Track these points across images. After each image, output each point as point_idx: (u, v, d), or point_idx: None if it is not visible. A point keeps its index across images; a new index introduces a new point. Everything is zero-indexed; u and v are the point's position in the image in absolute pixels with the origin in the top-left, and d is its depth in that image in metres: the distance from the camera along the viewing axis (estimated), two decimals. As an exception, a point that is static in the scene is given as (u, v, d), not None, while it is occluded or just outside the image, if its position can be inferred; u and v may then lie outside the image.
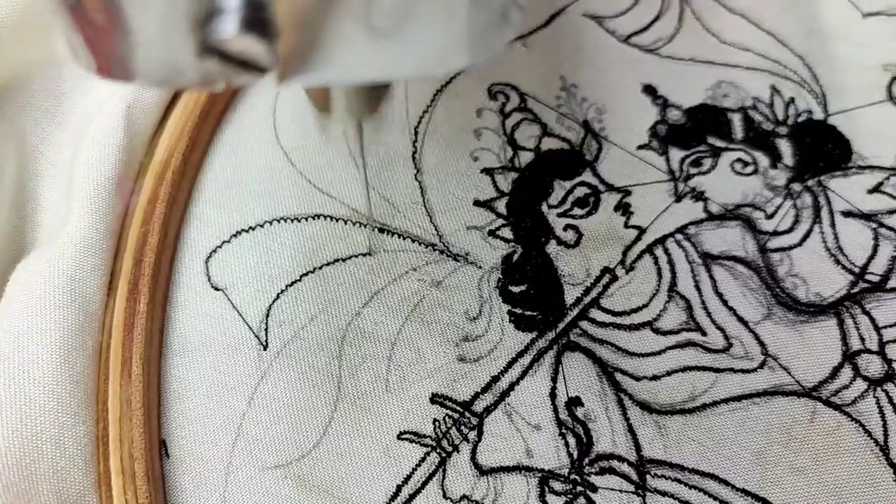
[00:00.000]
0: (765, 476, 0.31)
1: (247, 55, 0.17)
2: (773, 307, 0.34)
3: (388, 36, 0.19)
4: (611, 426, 0.32)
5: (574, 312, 0.34)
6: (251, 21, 0.16)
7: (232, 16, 0.16)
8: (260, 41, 0.17)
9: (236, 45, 0.17)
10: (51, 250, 0.32)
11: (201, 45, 0.17)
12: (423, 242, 0.36)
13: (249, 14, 0.16)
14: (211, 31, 0.16)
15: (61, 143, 0.37)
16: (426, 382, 0.33)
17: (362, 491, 0.31)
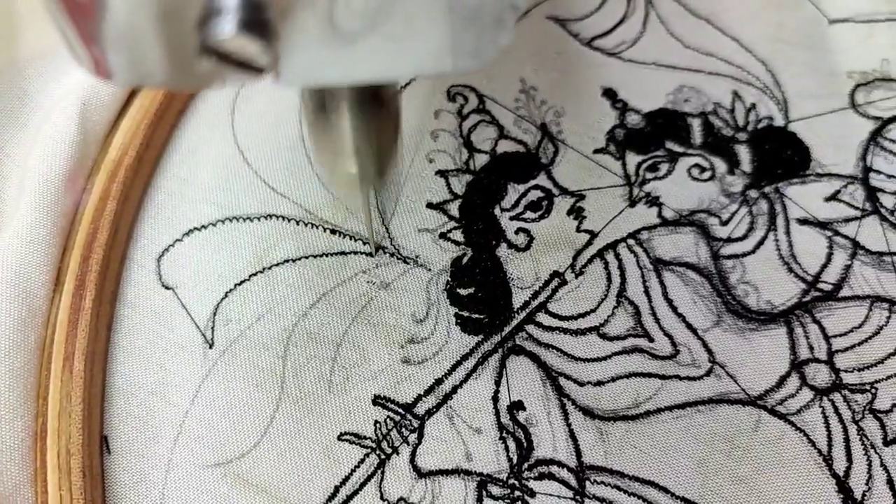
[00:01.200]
0: (706, 485, 0.31)
1: (244, 55, 0.17)
2: (722, 314, 0.34)
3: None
4: (552, 431, 0.32)
5: (521, 316, 0.34)
6: (249, 21, 0.16)
7: (230, 16, 0.16)
8: (258, 41, 0.17)
9: (234, 45, 0.17)
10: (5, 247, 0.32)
11: (200, 45, 0.17)
12: (373, 243, 0.35)
13: (247, 14, 0.16)
14: (209, 32, 0.17)
15: (25, 144, 0.37)
16: (369, 384, 0.33)
17: (300, 491, 0.31)
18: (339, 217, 0.36)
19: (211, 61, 0.17)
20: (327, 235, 0.36)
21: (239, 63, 0.17)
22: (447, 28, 0.19)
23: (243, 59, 0.17)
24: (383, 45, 0.19)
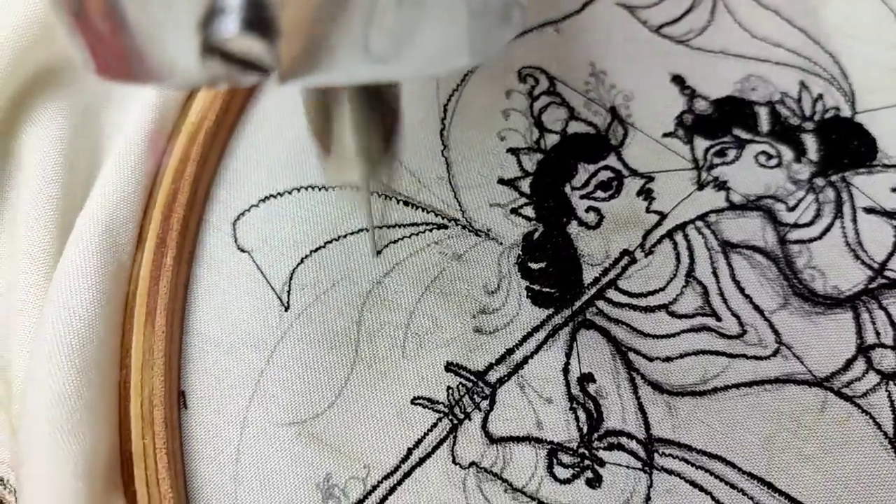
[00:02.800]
0: (772, 461, 0.32)
1: (248, 55, 0.17)
2: (789, 297, 0.34)
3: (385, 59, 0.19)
4: (621, 403, 0.33)
5: (591, 292, 0.35)
6: (252, 21, 0.16)
7: (233, 16, 0.16)
8: (261, 41, 0.16)
9: (237, 44, 0.17)
10: (90, 203, 0.33)
11: (203, 44, 0.17)
12: (446, 217, 0.36)
13: (250, 14, 0.16)
14: (212, 31, 0.16)
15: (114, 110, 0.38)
16: (442, 351, 0.34)
17: (374, 452, 0.32)
18: (412, 189, 0.37)
19: (214, 61, 0.17)
20: (400, 207, 0.36)
21: (242, 62, 0.17)
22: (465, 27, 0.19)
23: (247, 59, 0.17)
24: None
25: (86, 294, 0.30)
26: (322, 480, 0.31)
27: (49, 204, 0.33)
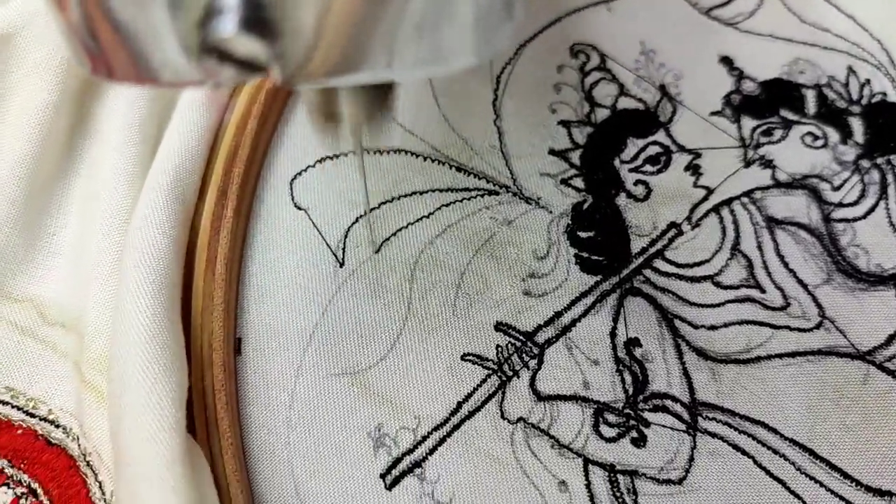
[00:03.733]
0: (814, 429, 0.32)
1: (246, 54, 0.17)
2: (833, 273, 0.35)
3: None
4: (667, 368, 0.33)
5: (639, 261, 0.36)
6: (250, 20, 0.16)
7: (231, 15, 0.16)
8: (259, 40, 0.16)
9: (235, 44, 0.17)
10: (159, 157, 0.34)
11: (201, 44, 0.17)
12: (497, 184, 0.37)
13: (248, 13, 0.16)
14: (210, 31, 0.16)
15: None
16: (492, 311, 0.35)
17: (424, 404, 0.33)
18: (464, 156, 0.38)
19: (212, 60, 0.17)
20: (453, 172, 0.37)
21: (240, 62, 0.17)
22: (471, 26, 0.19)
23: (245, 58, 0.17)
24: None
25: (161, 240, 0.31)
26: (373, 429, 0.32)
27: (129, 163, 0.35)
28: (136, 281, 0.30)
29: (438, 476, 0.31)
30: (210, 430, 0.31)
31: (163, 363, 0.28)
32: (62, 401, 0.35)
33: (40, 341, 0.36)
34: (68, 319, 0.36)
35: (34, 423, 0.34)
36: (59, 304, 0.36)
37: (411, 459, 0.32)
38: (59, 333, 0.35)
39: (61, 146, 0.37)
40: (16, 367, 0.35)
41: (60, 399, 0.35)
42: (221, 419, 0.31)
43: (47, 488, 0.33)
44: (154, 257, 0.30)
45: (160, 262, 0.30)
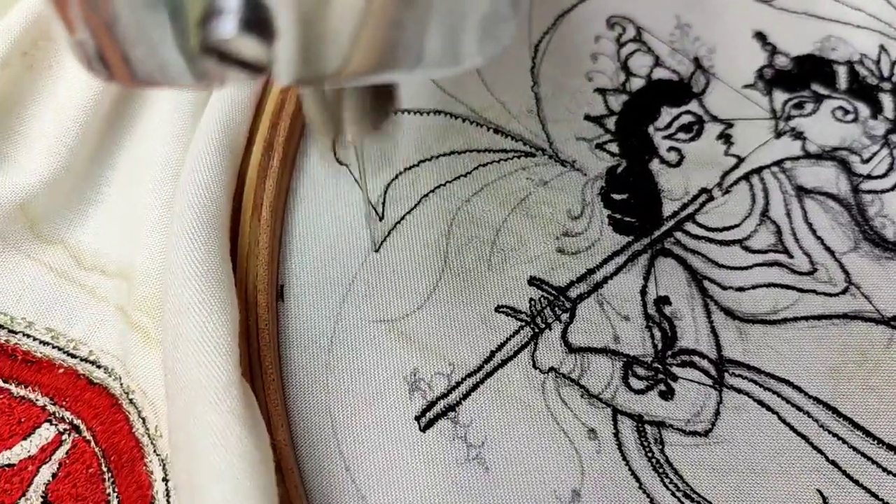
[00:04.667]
0: (837, 389, 0.33)
1: (246, 55, 0.17)
2: (859, 242, 0.36)
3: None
4: (695, 326, 0.34)
5: (670, 223, 0.37)
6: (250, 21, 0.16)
7: (231, 16, 0.16)
8: (259, 41, 0.16)
9: (235, 45, 0.17)
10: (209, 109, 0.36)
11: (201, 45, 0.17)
12: (534, 146, 0.38)
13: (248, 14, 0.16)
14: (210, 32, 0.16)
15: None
16: (525, 267, 0.36)
17: (459, 351, 0.34)
18: (502, 119, 0.39)
19: (212, 61, 0.17)
20: (490, 134, 0.38)
21: (240, 62, 0.17)
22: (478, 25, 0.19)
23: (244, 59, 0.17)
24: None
25: (212, 183, 0.32)
26: (409, 374, 0.33)
27: (181, 119, 0.36)
28: (189, 220, 0.31)
29: (471, 420, 0.32)
30: (253, 367, 0.32)
31: (217, 297, 0.29)
32: (102, 342, 0.36)
33: (77, 284, 0.37)
34: (110, 266, 0.37)
35: (75, 364, 0.35)
36: (95, 251, 0.37)
37: (445, 403, 0.33)
38: (98, 279, 0.37)
39: (116, 101, 0.38)
40: (54, 308, 0.36)
41: (100, 341, 0.36)
42: (265, 356, 0.32)
43: (90, 425, 0.34)
44: (206, 198, 0.32)
45: (212, 203, 0.32)
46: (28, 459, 0.33)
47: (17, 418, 0.34)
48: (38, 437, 0.34)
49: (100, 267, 0.37)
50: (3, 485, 0.32)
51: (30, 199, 0.35)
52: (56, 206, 0.37)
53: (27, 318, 0.36)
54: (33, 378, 0.35)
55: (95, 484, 0.33)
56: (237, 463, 0.25)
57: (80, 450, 0.33)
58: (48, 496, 0.32)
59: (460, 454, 0.32)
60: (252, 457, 0.26)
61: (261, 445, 0.27)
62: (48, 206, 0.37)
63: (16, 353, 0.35)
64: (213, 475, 0.25)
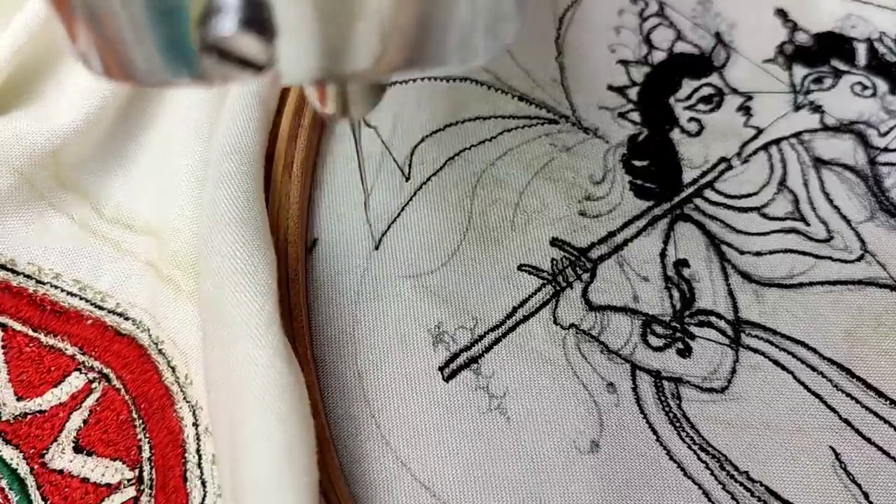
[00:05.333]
0: (851, 352, 0.34)
1: (245, 53, 0.17)
2: (875, 212, 0.37)
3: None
4: (713, 288, 0.35)
5: (690, 190, 0.38)
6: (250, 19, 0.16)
7: (230, 14, 0.16)
8: (258, 39, 0.16)
9: (235, 43, 0.17)
10: None
11: (200, 43, 0.17)
12: (557, 113, 0.39)
13: (248, 12, 0.16)
14: (210, 30, 0.16)
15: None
16: (548, 228, 0.37)
17: (482, 307, 0.35)
18: (526, 87, 0.40)
19: (211, 59, 0.17)
20: (515, 101, 0.39)
21: (239, 61, 0.17)
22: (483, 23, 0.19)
23: (244, 57, 0.17)
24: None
25: (247, 135, 0.33)
26: (433, 327, 0.34)
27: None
28: (228, 168, 0.32)
29: (493, 372, 0.33)
30: (283, 317, 0.33)
31: (256, 242, 0.30)
32: (129, 295, 0.36)
33: (100, 237, 0.37)
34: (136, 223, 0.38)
35: (103, 315, 0.36)
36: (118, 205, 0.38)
37: (468, 356, 0.34)
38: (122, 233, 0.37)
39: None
40: (80, 260, 0.37)
41: (127, 294, 0.36)
42: (295, 306, 0.33)
43: (119, 374, 0.35)
44: (243, 149, 0.33)
45: (249, 155, 0.33)
46: (59, 406, 0.34)
47: (46, 367, 0.35)
48: (68, 384, 0.34)
49: (124, 221, 0.38)
50: (35, 430, 0.33)
51: (61, 146, 0.36)
52: (83, 156, 0.38)
53: (54, 270, 0.37)
54: (62, 328, 0.36)
55: (126, 430, 0.34)
56: (280, 395, 0.26)
57: (109, 398, 0.34)
58: (79, 441, 0.33)
59: (482, 404, 0.33)
60: (294, 391, 0.27)
61: (300, 382, 0.28)
62: (76, 155, 0.37)
63: (44, 304, 0.36)
64: (256, 406, 0.26)
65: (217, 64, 0.17)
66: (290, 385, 0.27)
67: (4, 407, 0.34)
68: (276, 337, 0.28)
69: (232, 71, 0.17)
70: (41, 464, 0.32)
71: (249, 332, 0.28)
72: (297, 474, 0.25)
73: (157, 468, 0.32)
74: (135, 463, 0.32)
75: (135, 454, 0.33)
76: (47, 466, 0.32)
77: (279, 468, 0.25)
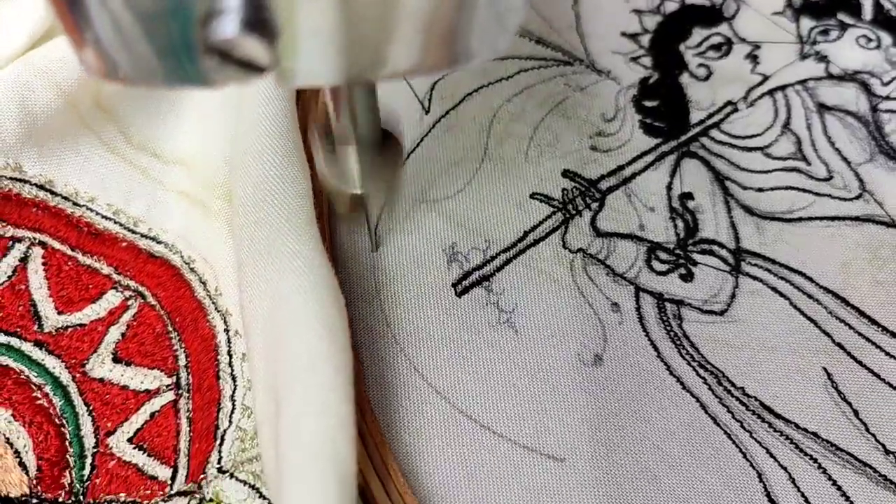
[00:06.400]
0: (847, 281, 0.36)
1: (247, 55, 0.17)
2: (875, 154, 0.39)
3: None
4: (716, 219, 0.37)
5: (697, 129, 0.39)
6: (251, 21, 0.16)
7: (232, 16, 0.16)
8: (260, 41, 0.16)
9: (237, 44, 0.17)
10: None
11: (202, 45, 0.17)
12: (572, 56, 0.41)
13: (250, 14, 0.16)
14: (211, 32, 0.16)
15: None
16: (560, 161, 0.39)
17: (494, 230, 0.37)
18: (543, 31, 0.42)
19: (213, 60, 0.17)
20: (532, 44, 0.41)
21: (241, 62, 0.17)
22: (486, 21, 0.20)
23: (246, 59, 0.17)
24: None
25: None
26: (448, 247, 0.36)
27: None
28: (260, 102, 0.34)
29: (503, 289, 0.35)
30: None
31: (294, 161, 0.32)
32: (160, 221, 0.38)
33: (129, 163, 0.39)
34: (165, 153, 0.39)
35: (136, 239, 0.38)
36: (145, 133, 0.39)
37: (480, 274, 0.36)
38: (149, 160, 0.39)
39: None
40: (112, 184, 0.38)
41: (159, 220, 0.38)
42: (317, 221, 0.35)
43: (154, 292, 0.37)
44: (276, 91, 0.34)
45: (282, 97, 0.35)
46: (97, 321, 0.35)
47: (84, 284, 0.36)
48: (106, 301, 0.36)
49: (151, 150, 0.39)
50: (75, 343, 0.35)
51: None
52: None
53: (90, 193, 0.38)
54: (98, 249, 0.37)
55: (162, 342, 0.35)
56: (321, 282, 0.28)
57: (145, 314, 0.36)
58: (118, 354, 0.35)
59: (492, 317, 0.35)
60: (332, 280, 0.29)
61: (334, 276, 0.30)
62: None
63: (80, 225, 0.37)
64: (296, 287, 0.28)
65: (219, 66, 0.17)
66: (328, 275, 0.29)
67: (46, 320, 0.35)
68: (316, 233, 0.30)
69: (234, 73, 0.17)
70: (82, 373, 0.34)
71: (291, 230, 0.29)
72: (337, 350, 0.27)
73: (193, 373, 0.34)
74: (172, 371, 0.34)
75: (171, 363, 0.35)
76: (88, 375, 0.34)
77: (320, 343, 0.27)
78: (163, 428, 0.33)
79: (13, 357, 0.34)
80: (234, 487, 0.29)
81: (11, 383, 0.33)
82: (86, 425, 0.33)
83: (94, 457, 0.32)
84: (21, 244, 0.36)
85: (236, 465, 0.30)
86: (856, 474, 0.31)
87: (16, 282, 0.36)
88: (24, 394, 0.33)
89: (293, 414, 0.26)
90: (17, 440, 0.31)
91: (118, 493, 0.31)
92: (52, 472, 0.31)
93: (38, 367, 0.34)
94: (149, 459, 0.32)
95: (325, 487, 0.25)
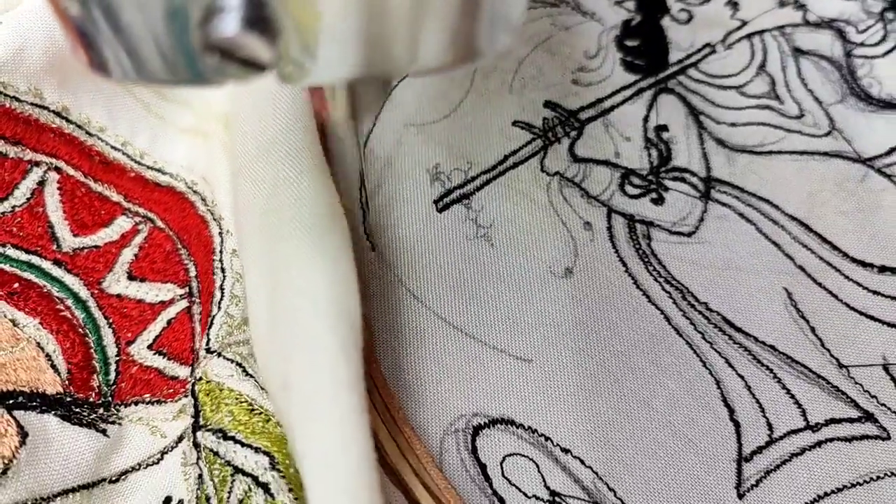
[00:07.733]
0: (812, 210, 0.37)
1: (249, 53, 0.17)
2: (846, 96, 0.40)
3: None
4: (688, 150, 0.39)
5: (675, 68, 0.41)
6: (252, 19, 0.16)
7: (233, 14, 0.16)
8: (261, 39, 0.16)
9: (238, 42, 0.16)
10: None
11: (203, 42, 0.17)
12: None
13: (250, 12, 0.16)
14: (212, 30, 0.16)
15: None
16: (542, 93, 0.40)
17: (477, 153, 0.39)
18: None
19: (214, 58, 0.17)
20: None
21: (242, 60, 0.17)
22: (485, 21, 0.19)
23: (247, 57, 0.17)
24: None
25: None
26: (432, 167, 0.38)
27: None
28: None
29: (482, 207, 0.37)
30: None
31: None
32: (164, 153, 0.40)
33: (130, 94, 0.40)
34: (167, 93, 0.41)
35: (143, 170, 0.39)
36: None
37: (461, 192, 0.38)
38: (150, 96, 0.40)
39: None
40: (118, 116, 0.39)
41: (162, 153, 0.40)
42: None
43: (163, 217, 0.38)
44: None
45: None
46: (111, 244, 0.37)
47: (97, 209, 0.38)
48: (117, 226, 0.38)
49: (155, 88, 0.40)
50: (91, 263, 0.37)
51: None
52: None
53: (100, 123, 0.40)
54: (108, 178, 0.39)
55: (173, 258, 0.37)
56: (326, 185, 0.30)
57: (155, 236, 0.38)
58: (132, 272, 0.37)
59: (470, 232, 0.36)
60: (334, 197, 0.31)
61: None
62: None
63: (92, 154, 0.39)
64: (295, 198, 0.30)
65: (220, 64, 0.17)
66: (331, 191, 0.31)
67: (63, 241, 0.37)
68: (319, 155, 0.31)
69: (235, 71, 0.17)
70: (100, 290, 0.36)
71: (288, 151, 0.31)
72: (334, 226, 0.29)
73: (202, 279, 0.36)
74: (184, 283, 0.36)
75: (183, 275, 0.36)
76: (105, 292, 0.36)
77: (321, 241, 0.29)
78: (179, 333, 0.34)
79: (35, 273, 0.35)
80: (222, 365, 0.31)
81: (36, 295, 0.35)
82: (107, 336, 0.34)
83: (118, 364, 0.34)
84: (39, 168, 0.38)
85: (223, 346, 0.32)
86: (809, 384, 0.33)
87: (34, 204, 0.37)
88: (48, 305, 0.34)
89: (296, 277, 0.28)
90: (46, 345, 0.33)
91: (143, 394, 0.33)
92: (81, 375, 0.33)
93: (58, 283, 0.35)
94: (169, 362, 0.34)
95: (334, 341, 0.26)
